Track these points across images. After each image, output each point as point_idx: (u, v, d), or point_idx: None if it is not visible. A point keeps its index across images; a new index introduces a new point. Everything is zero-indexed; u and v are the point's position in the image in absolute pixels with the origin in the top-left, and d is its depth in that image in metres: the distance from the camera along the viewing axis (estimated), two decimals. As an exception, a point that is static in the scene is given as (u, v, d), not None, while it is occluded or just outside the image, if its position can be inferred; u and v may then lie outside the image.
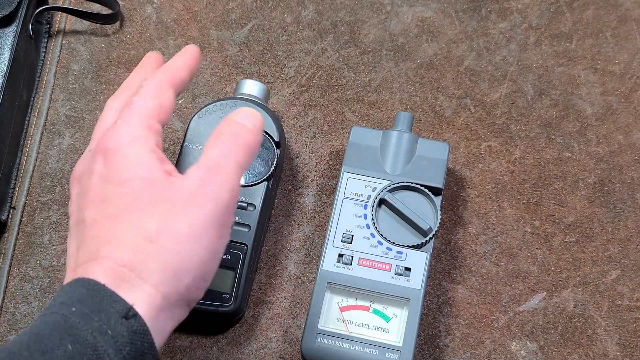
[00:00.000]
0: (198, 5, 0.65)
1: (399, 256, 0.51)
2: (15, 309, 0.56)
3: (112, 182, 0.38)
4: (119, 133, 0.39)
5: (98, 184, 0.39)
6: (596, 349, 0.55)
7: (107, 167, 0.39)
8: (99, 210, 0.38)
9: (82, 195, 0.39)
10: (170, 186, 0.38)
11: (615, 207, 0.58)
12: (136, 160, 0.39)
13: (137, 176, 0.38)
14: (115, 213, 0.37)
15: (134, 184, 0.38)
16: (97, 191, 0.38)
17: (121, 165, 0.38)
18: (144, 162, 0.39)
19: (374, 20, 0.64)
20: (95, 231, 0.37)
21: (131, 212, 0.37)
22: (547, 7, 0.64)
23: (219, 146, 0.40)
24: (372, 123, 0.61)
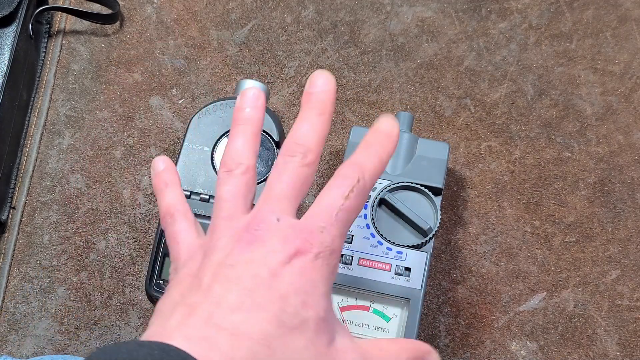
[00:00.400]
0: (198, 5, 0.65)
1: (399, 256, 0.51)
2: (15, 309, 0.56)
3: (295, 292, 0.35)
4: (323, 240, 0.36)
5: (277, 282, 0.35)
6: (596, 349, 0.55)
7: (299, 273, 0.35)
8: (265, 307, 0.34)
9: (241, 272, 0.35)
10: (329, 346, 0.36)
11: (615, 207, 0.58)
12: (325, 286, 0.36)
13: (318, 308, 0.35)
14: (286, 325, 0.34)
15: (310, 315, 0.35)
16: (270, 286, 0.35)
17: (312, 282, 0.35)
18: (328, 294, 0.36)
19: (374, 20, 0.64)
20: (235, 319, 0.34)
21: (293, 337, 0.34)
22: (547, 7, 0.64)
23: (390, 359, 0.38)
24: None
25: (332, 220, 0.37)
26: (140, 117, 0.61)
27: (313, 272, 0.36)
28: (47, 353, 0.55)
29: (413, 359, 0.39)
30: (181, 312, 0.35)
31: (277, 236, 0.36)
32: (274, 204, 0.38)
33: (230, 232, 0.38)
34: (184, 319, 0.34)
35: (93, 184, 0.59)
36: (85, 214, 0.58)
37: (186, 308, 0.35)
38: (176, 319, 0.34)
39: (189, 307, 0.35)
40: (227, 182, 0.40)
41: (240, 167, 0.40)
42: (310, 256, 0.36)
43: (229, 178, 0.40)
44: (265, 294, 0.35)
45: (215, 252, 0.37)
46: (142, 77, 0.62)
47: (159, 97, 0.62)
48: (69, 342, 0.55)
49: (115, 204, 0.59)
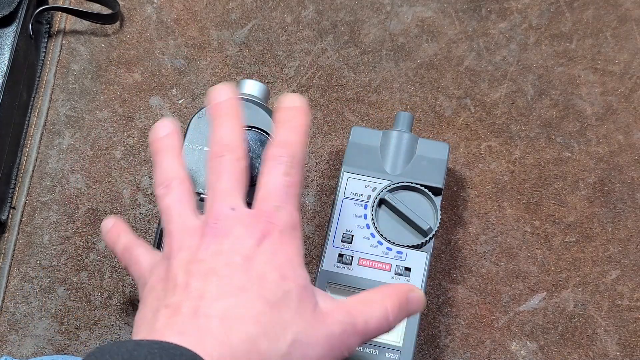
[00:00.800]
0: (198, 5, 0.65)
1: (399, 256, 0.51)
2: (15, 309, 0.56)
3: (272, 269, 0.36)
4: (282, 217, 0.38)
5: (252, 264, 0.36)
6: (596, 349, 0.55)
7: (271, 252, 0.37)
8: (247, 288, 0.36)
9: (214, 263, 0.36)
10: (315, 311, 0.37)
11: (615, 207, 0.58)
12: (298, 257, 0.38)
13: (297, 279, 0.37)
14: (271, 300, 0.35)
15: (291, 287, 0.36)
16: (247, 269, 0.36)
17: (285, 256, 0.37)
18: (302, 264, 0.38)
19: (374, 20, 0.64)
20: (220, 306, 0.35)
21: (281, 310, 0.35)
22: (547, 7, 0.64)
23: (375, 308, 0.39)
24: (372, 123, 0.61)
25: (284, 198, 0.39)
26: (140, 117, 0.61)
27: (283, 247, 0.37)
28: (47, 353, 0.55)
29: (397, 302, 0.40)
30: (165, 313, 0.35)
31: (239, 224, 0.38)
32: (223, 199, 0.39)
33: (189, 233, 0.38)
34: (170, 318, 0.35)
35: (93, 184, 0.59)
36: (85, 214, 0.58)
37: (168, 309, 0.35)
38: (162, 321, 0.35)
39: (172, 308, 0.35)
40: (169, 194, 0.41)
41: (175, 180, 0.41)
42: (276, 234, 0.37)
43: (168, 190, 0.41)
44: (243, 277, 0.36)
45: (180, 253, 0.38)
46: (142, 77, 0.62)
47: (159, 97, 0.62)
48: (69, 342, 0.55)
49: (115, 204, 0.59)
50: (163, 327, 0.34)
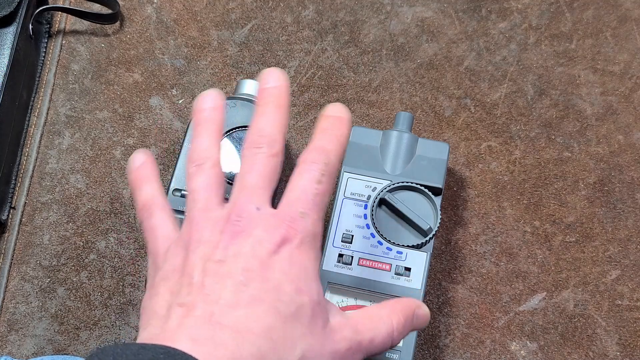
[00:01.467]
0: (198, 5, 0.65)
1: (399, 256, 0.51)
2: (15, 309, 0.56)
3: (288, 280, 0.36)
4: (306, 225, 0.37)
5: (269, 272, 0.36)
6: (596, 349, 0.55)
7: (288, 261, 0.36)
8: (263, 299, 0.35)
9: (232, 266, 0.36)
10: (325, 327, 0.36)
11: (615, 207, 0.58)
12: (314, 270, 0.37)
13: (311, 293, 0.36)
14: (284, 314, 0.35)
15: (305, 301, 0.36)
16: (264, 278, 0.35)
17: (302, 267, 0.36)
18: (317, 277, 0.37)
19: (374, 20, 0.64)
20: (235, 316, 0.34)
21: (293, 325, 0.35)
22: (547, 7, 0.64)
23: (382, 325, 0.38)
24: (372, 123, 0.61)
25: (310, 205, 0.37)
26: (140, 117, 0.61)
27: (301, 257, 0.37)
28: (47, 353, 0.55)
29: (403, 319, 0.39)
30: (178, 312, 0.35)
31: (261, 226, 0.37)
32: (250, 194, 0.38)
33: (210, 224, 0.38)
34: (183, 319, 0.34)
35: (93, 184, 0.59)
36: (85, 214, 0.58)
37: (182, 308, 0.35)
38: (174, 321, 0.34)
39: (186, 307, 0.35)
40: (199, 175, 0.40)
41: (209, 161, 0.40)
42: (296, 242, 0.37)
43: (200, 171, 0.40)
44: (259, 286, 0.35)
45: (199, 246, 0.37)
46: (142, 77, 0.62)
47: (159, 97, 0.62)
48: (69, 342, 0.55)
49: (115, 204, 0.59)
50: (175, 328, 0.34)
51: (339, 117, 0.40)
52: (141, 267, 0.57)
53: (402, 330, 0.39)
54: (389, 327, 0.39)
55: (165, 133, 0.61)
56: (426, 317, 0.41)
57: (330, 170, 0.39)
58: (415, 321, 0.40)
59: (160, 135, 0.60)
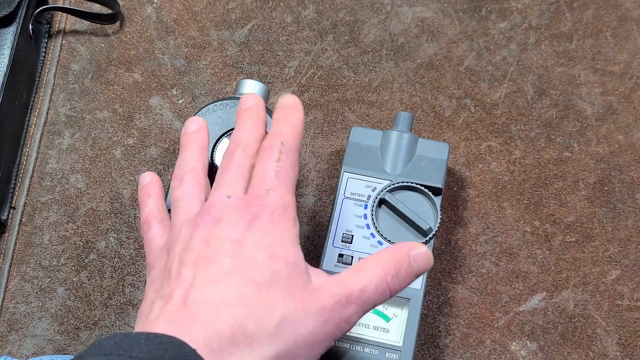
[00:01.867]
0: (198, 5, 0.65)
1: None
2: (15, 309, 0.56)
3: (261, 250, 0.37)
4: (273, 199, 0.39)
5: (242, 247, 0.37)
6: (596, 349, 0.55)
7: (260, 233, 0.37)
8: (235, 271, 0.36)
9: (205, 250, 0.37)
10: (306, 287, 0.37)
11: (615, 207, 0.58)
12: (289, 236, 0.38)
13: (287, 257, 0.37)
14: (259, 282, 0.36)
15: (280, 265, 0.37)
16: (236, 253, 0.37)
17: (275, 236, 0.38)
18: (294, 242, 0.38)
19: (374, 20, 0.64)
20: (208, 291, 0.36)
21: (269, 290, 0.36)
22: (547, 7, 0.64)
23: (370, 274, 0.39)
24: (372, 123, 0.61)
25: (274, 182, 0.39)
26: (140, 117, 0.61)
27: (274, 228, 0.38)
28: (47, 353, 0.55)
29: (395, 263, 0.39)
30: (158, 304, 0.36)
31: (231, 211, 0.38)
32: (224, 189, 0.40)
33: (187, 223, 0.39)
34: (162, 308, 0.36)
35: (93, 184, 0.59)
36: (85, 214, 0.58)
37: (162, 300, 0.36)
38: (155, 312, 0.36)
39: (165, 298, 0.36)
40: (179, 186, 0.42)
41: (191, 172, 0.43)
42: (266, 216, 0.38)
43: (180, 183, 0.42)
44: (232, 261, 0.36)
45: (177, 244, 0.39)
46: (142, 77, 0.62)
47: (159, 97, 0.62)
48: (69, 342, 0.55)
49: (115, 204, 0.59)
50: (155, 317, 0.35)
51: (291, 104, 0.43)
52: (141, 267, 0.57)
53: (396, 274, 0.39)
54: (379, 273, 0.38)
55: (165, 133, 0.61)
56: (425, 256, 0.40)
57: (287, 149, 0.40)
58: (414, 263, 0.39)
59: (160, 135, 0.60)
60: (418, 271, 0.40)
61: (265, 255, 0.37)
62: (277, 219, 0.38)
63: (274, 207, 0.38)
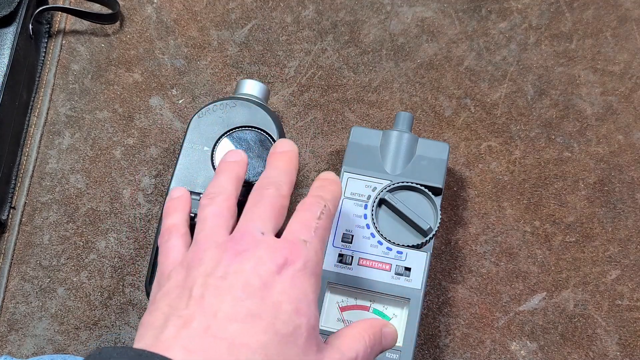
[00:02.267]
0: (198, 5, 0.65)
1: (399, 256, 0.51)
2: (15, 309, 0.56)
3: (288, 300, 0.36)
4: (309, 251, 0.39)
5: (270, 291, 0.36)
6: (596, 349, 0.55)
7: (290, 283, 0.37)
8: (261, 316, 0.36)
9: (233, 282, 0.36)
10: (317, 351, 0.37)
11: (615, 207, 0.58)
12: (313, 295, 0.38)
13: (309, 316, 0.37)
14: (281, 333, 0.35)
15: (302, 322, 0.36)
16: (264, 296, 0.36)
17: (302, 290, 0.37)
18: (315, 302, 0.38)
19: (374, 20, 0.64)
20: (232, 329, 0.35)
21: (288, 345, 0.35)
22: (547, 7, 0.64)
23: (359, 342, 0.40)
24: (372, 123, 0.61)
25: (312, 235, 0.39)
26: (140, 117, 0.61)
27: (302, 281, 0.38)
28: (47, 353, 0.55)
29: (373, 335, 0.41)
30: (175, 323, 0.35)
31: (264, 248, 0.38)
32: (256, 222, 0.40)
33: (214, 245, 0.39)
34: (179, 330, 0.35)
35: (93, 184, 0.59)
36: (85, 214, 0.58)
37: (180, 319, 0.35)
38: (171, 331, 0.35)
39: (183, 319, 0.35)
40: (210, 205, 0.42)
41: (222, 194, 0.42)
42: (298, 265, 0.38)
43: (211, 202, 0.42)
44: (258, 303, 0.36)
45: (201, 264, 0.38)
46: (142, 77, 0.62)
47: (159, 97, 0.62)
48: (69, 342, 0.55)
49: (115, 204, 0.59)
50: (171, 338, 0.34)
51: (332, 179, 0.44)
52: (141, 267, 0.57)
53: (373, 348, 0.41)
54: (365, 344, 0.41)
55: (165, 133, 0.61)
56: (393, 335, 0.43)
57: (327, 213, 0.41)
58: (384, 340, 0.42)
59: (160, 135, 0.60)
60: (384, 347, 0.43)
61: (291, 307, 0.36)
62: (307, 273, 0.38)
63: (308, 259, 0.38)
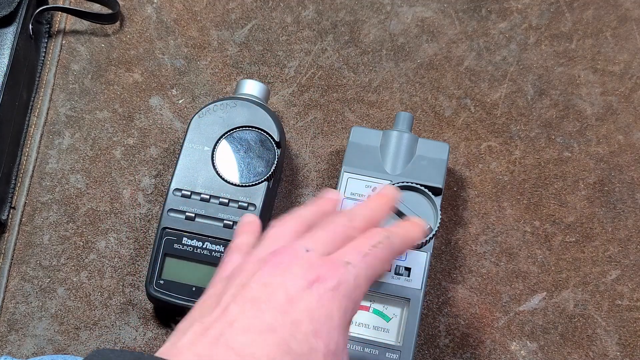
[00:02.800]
0: (198, 5, 0.65)
1: (399, 256, 0.51)
2: (15, 309, 0.56)
3: (309, 320, 0.35)
4: (347, 273, 0.37)
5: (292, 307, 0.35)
6: (596, 349, 0.55)
7: (317, 301, 0.35)
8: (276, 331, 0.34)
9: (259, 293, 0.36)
10: None
11: (615, 207, 0.58)
12: (341, 319, 0.36)
13: (329, 341, 0.35)
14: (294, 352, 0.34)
15: (320, 346, 0.35)
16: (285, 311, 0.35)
17: (327, 311, 0.35)
18: (343, 328, 0.36)
19: (374, 20, 0.64)
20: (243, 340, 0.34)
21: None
22: (547, 7, 0.64)
23: None
24: (372, 123, 0.61)
25: (359, 259, 0.37)
26: (140, 117, 0.61)
27: (331, 302, 0.36)
28: (47, 353, 0.55)
29: None
30: (195, 330, 0.35)
31: (302, 264, 0.37)
32: (307, 240, 0.39)
33: (257, 259, 0.38)
34: (197, 337, 0.34)
35: (93, 184, 0.59)
36: (85, 214, 0.58)
37: (201, 326, 0.35)
38: (189, 337, 0.35)
39: (204, 326, 0.35)
40: (277, 226, 0.41)
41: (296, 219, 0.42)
42: (330, 285, 0.36)
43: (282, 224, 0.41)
44: (278, 317, 0.35)
45: (239, 275, 0.38)
46: (142, 77, 0.62)
47: (159, 97, 0.62)
48: (69, 342, 0.55)
49: (115, 204, 0.59)
50: (187, 344, 0.34)
51: (420, 223, 0.44)
52: (141, 267, 0.57)
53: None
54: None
55: (165, 133, 0.61)
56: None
57: (388, 244, 0.39)
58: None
59: (160, 135, 0.60)
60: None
61: (310, 327, 0.35)
62: (339, 295, 0.36)
63: (343, 280, 0.36)
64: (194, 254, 0.53)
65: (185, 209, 0.53)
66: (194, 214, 0.53)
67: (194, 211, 0.53)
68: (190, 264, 0.53)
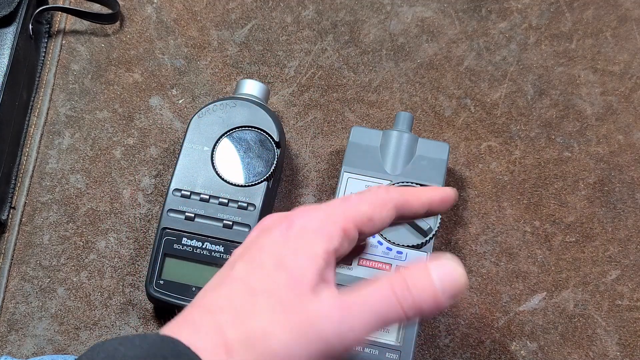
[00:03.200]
0: (198, 5, 0.65)
1: (399, 256, 0.51)
2: (15, 309, 0.56)
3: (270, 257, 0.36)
4: (316, 214, 0.37)
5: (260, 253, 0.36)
6: (596, 349, 0.55)
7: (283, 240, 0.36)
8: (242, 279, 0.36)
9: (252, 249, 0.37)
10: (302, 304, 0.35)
11: (615, 207, 0.58)
12: (311, 249, 0.36)
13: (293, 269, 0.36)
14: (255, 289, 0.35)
15: (282, 276, 0.35)
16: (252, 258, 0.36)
17: (295, 246, 0.36)
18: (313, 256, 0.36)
19: (374, 20, 0.64)
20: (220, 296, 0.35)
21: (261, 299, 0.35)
22: (547, 7, 0.64)
23: (377, 300, 0.36)
24: (372, 123, 0.61)
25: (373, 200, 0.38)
26: (140, 117, 0.61)
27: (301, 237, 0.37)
28: (47, 353, 0.55)
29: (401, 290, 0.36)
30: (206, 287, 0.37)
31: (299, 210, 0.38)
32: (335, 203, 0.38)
33: None
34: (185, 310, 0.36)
35: (93, 184, 0.59)
36: (85, 214, 0.58)
37: None
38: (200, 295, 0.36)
39: None
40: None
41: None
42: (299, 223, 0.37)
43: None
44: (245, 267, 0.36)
45: None
46: (142, 77, 0.62)
47: (159, 97, 0.62)
48: (69, 342, 0.55)
49: (115, 204, 0.59)
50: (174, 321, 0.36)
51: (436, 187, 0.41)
52: (141, 267, 0.57)
53: None
54: None
55: (165, 133, 0.61)
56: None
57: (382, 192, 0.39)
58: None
59: (160, 135, 0.60)
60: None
61: (272, 263, 0.36)
62: (309, 230, 0.37)
63: (310, 219, 0.37)
64: (193, 254, 0.53)
65: (185, 209, 0.53)
66: (193, 214, 0.53)
67: (194, 211, 0.53)
68: (190, 264, 0.53)
